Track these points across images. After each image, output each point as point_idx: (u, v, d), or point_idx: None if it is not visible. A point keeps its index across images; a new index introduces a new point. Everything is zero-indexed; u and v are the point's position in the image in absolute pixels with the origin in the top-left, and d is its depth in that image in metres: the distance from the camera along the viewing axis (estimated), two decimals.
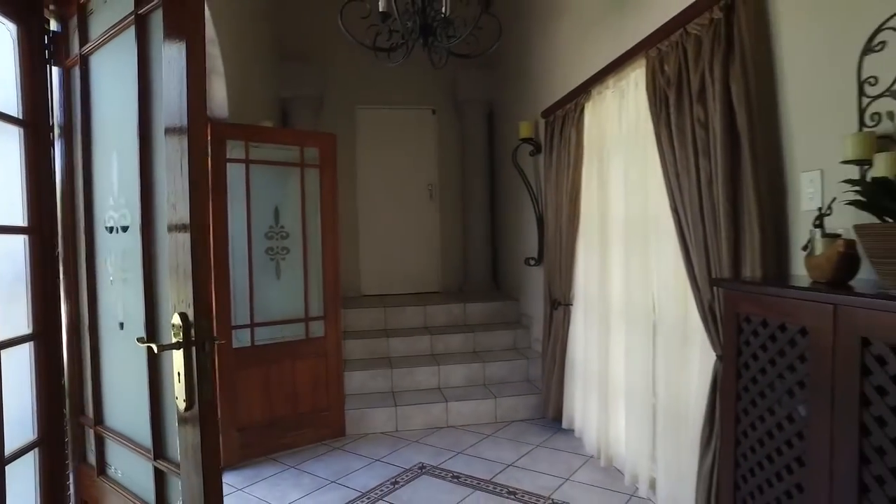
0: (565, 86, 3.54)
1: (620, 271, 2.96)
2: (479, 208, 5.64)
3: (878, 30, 1.49)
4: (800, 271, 1.72)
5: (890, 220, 1.25)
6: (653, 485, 2.67)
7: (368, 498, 2.77)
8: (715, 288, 1.98)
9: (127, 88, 1.40)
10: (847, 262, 1.33)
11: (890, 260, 1.21)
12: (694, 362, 2.32)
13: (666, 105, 2.28)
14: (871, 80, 1.51)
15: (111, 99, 1.60)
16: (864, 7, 1.55)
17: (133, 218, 1.40)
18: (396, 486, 2.89)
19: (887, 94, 1.47)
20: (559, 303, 3.62)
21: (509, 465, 3.11)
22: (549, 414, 3.67)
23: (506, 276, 5.44)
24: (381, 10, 2.54)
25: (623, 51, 2.68)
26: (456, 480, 2.94)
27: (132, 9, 1.34)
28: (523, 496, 2.75)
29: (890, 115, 1.47)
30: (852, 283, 1.37)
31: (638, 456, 2.79)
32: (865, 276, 1.37)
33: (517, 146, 4.41)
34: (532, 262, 4.40)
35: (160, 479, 1.36)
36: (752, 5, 1.93)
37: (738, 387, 1.59)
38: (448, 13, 2.59)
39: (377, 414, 3.65)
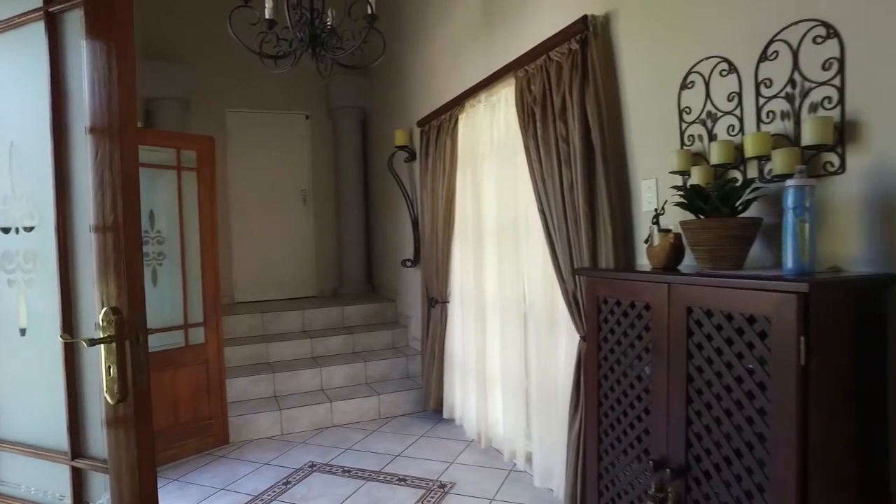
0: (440, 98, 3.82)
1: (494, 268, 3.28)
2: (353, 213, 5.75)
3: (690, 72, 1.91)
4: (643, 260, 2.12)
5: (702, 217, 1.63)
6: (529, 458, 2.99)
7: (262, 500, 2.79)
8: (577, 278, 2.33)
9: (26, 84, 1.37)
10: (676, 251, 1.69)
11: (702, 247, 1.59)
12: (561, 345, 2.67)
13: (533, 120, 2.61)
14: (687, 110, 1.93)
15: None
16: (680, 53, 1.96)
17: (41, 217, 1.36)
18: (289, 485, 2.94)
19: (697, 121, 1.89)
20: (436, 301, 3.87)
21: (397, 456, 3.28)
22: (430, 406, 3.91)
23: (382, 278, 5.61)
24: (266, 17, 2.61)
25: (495, 69, 2.99)
26: (347, 474, 3.05)
27: (40, 5, 1.32)
28: (413, 481, 2.94)
29: (700, 137, 1.89)
30: (680, 267, 1.75)
31: (514, 435, 3.11)
32: (688, 261, 1.76)
33: (393, 153, 4.61)
34: (408, 264, 4.62)
35: (77, 479, 1.34)
36: (602, 42, 2.31)
37: (599, 357, 1.93)
38: (334, 25, 2.73)
39: (262, 419, 3.64)
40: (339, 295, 5.70)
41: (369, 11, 2.56)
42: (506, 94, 3.02)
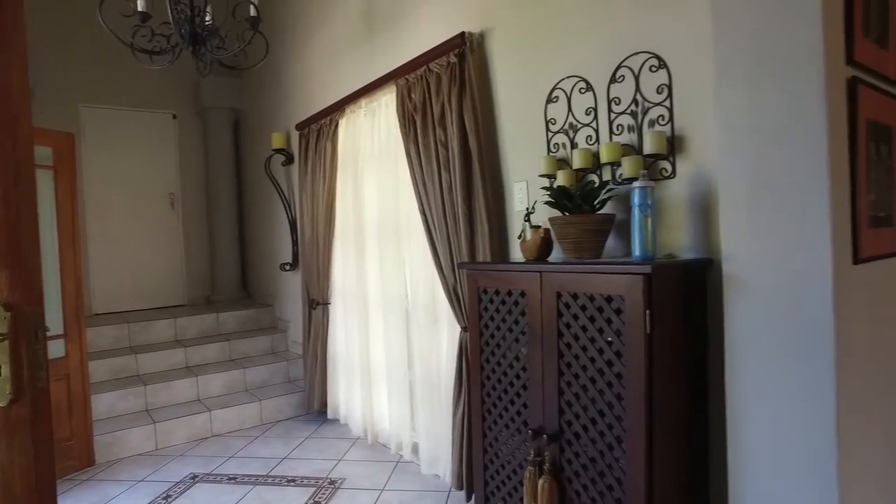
0: (320, 102, 3.86)
1: (376, 267, 3.38)
2: (226, 217, 5.54)
3: (554, 87, 2.19)
4: (517, 254, 2.36)
5: (567, 214, 1.89)
6: (415, 449, 3.14)
7: None
8: (458, 273, 2.52)
9: None
10: (546, 244, 1.94)
11: (568, 240, 1.85)
12: (443, 338, 2.85)
13: (414, 126, 2.77)
14: (553, 121, 2.20)
15: None
16: (546, 71, 2.23)
17: None
18: (169, 499, 2.82)
19: (561, 131, 2.17)
20: (318, 302, 3.90)
21: (284, 458, 3.27)
22: (314, 408, 3.91)
23: (258, 283, 5.47)
24: (140, 9, 2.51)
25: (375, 77, 3.12)
26: (233, 481, 2.99)
27: None
28: (302, 481, 2.96)
29: (564, 145, 2.17)
30: (550, 258, 2.00)
31: (400, 428, 3.24)
32: (557, 253, 2.01)
33: (270, 156, 4.55)
34: (287, 268, 4.58)
35: None
36: (478, 56, 2.53)
37: (481, 342, 2.12)
38: (212, 22, 2.69)
39: (133, 435, 3.42)
40: (212, 302, 5.46)
41: (252, 13, 2.56)
42: (386, 100, 3.15)
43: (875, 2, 1.53)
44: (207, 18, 2.64)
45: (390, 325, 3.26)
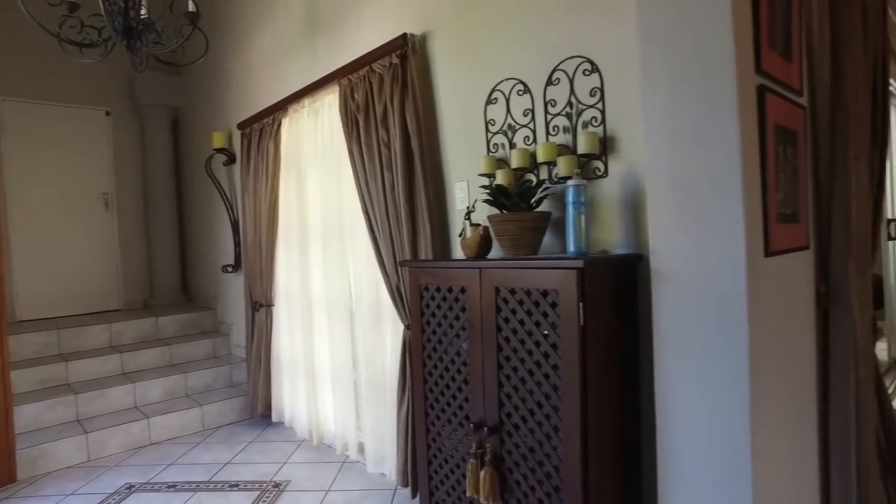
0: (263, 101, 3.80)
1: (320, 268, 3.37)
2: (165, 218, 5.36)
3: (493, 89, 2.24)
4: (458, 252, 2.40)
5: (506, 212, 1.94)
6: (361, 448, 3.14)
7: None
8: (401, 272, 2.54)
9: None
10: (485, 241, 1.99)
11: (506, 237, 1.91)
12: (387, 336, 2.87)
13: (357, 127, 2.78)
14: (492, 122, 2.26)
15: None
16: (485, 73, 2.29)
17: None
18: None
19: (500, 132, 2.23)
20: (261, 304, 3.84)
21: (227, 464, 3.20)
22: (258, 412, 3.85)
23: (199, 286, 5.32)
24: None
25: (318, 77, 3.10)
26: (172, 489, 2.91)
27: None
28: (246, 485, 2.91)
29: (503, 145, 2.23)
30: (489, 255, 2.05)
31: (346, 428, 3.23)
32: (496, 250, 2.07)
33: (211, 155, 4.44)
34: (229, 269, 4.49)
35: None
36: (420, 58, 2.56)
37: (423, 339, 2.15)
38: (147, 15, 2.61)
39: (61, 447, 3.26)
40: (150, 306, 5.27)
41: (191, 8, 2.50)
42: (330, 100, 3.14)
43: (779, 18, 1.66)
44: (143, 12, 2.56)
45: (335, 326, 3.25)
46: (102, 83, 5.06)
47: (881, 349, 4.33)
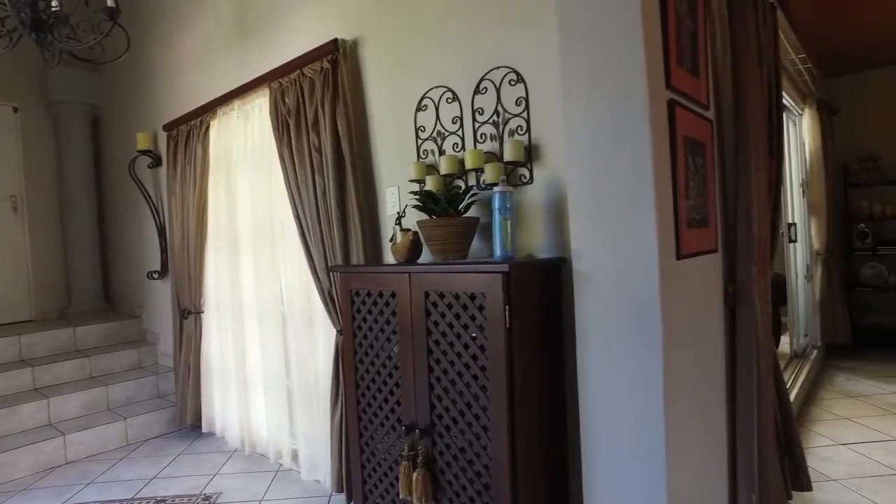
0: (190, 102, 3.68)
1: (251, 273, 3.30)
2: (84, 222, 5.07)
3: (423, 96, 2.28)
4: (389, 256, 2.42)
5: (435, 217, 1.98)
6: (295, 456, 3.09)
7: None
8: (332, 276, 2.54)
9: None
10: (415, 246, 2.02)
11: (435, 242, 1.94)
12: (320, 341, 2.85)
13: (287, 130, 2.75)
14: (422, 128, 2.30)
15: None
16: (415, 80, 2.32)
17: None
18: None
19: (430, 138, 2.27)
20: (190, 311, 3.72)
21: (153, 479, 3.07)
22: (187, 422, 3.71)
23: (122, 293, 5.08)
24: None
25: (249, 79, 3.04)
26: None
27: None
28: (174, 501, 2.81)
29: (433, 151, 2.27)
30: (419, 259, 2.08)
31: (279, 435, 3.18)
32: (426, 255, 2.10)
33: (135, 157, 4.26)
34: (155, 276, 4.32)
35: None
36: (351, 63, 2.57)
37: (355, 344, 2.16)
38: (59, 8, 2.48)
39: None
40: (67, 316, 4.97)
41: (110, 3, 2.40)
42: (260, 103, 3.09)
43: (686, 39, 1.78)
44: (54, 4, 2.43)
45: (267, 332, 3.19)
46: (9, 77, 4.74)
47: (784, 342, 4.68)
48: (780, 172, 2.33)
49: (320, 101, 2.54)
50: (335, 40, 2.50)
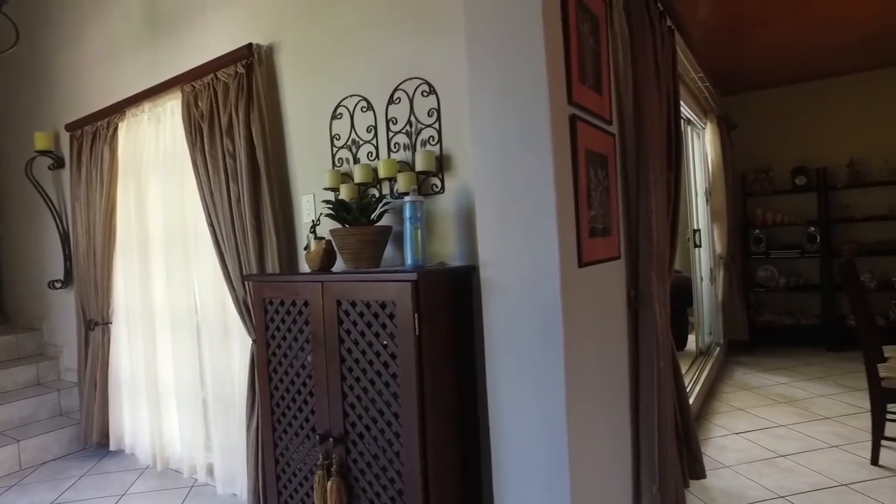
0: (96, 102, 3.49)
1: (163, 282, 3.17)
2: None
3: (339, 105, 2.29)
4: (305, 265, 2.40)
5: (347, 226, 1.99)
6: (210, 470, 2.99)
7: None
8: (247, 285, 2.49)
9: None
10: (328, 255, 2.02)
11: (348, 251, 1.95)
12: (235, 350, 2.78)
13: (201, 135, 2.67)
14: (337, 137, 2.30)
15: None
16: (331, 88, 2.32)
17: None
18: None
19: (345, 146, 2.28)
20: (97, 322, 3.52)
21: None
22: (92, 441, 3.51)
23: (20, 303, 4.71)
24: None
25: (159, 81, 2.93)
26: None
27: None
28: None
29: (348, 160, 2.28)
30: (334, 268, 2.08)
31: (194, 449, 3.06)
32: (340, 263, 2.10)
33: (33, 158, 3.98)
34: (58, 285, 4.05)
35: None
36: (267, 69, 2.53)
37: (269, 353, 2.13)
38: None
39: None
40: None
41: None
42: (172, 106, 2.98)
43: (589, 57, 1.89)
44: None
45: (180, 342, 3.08)
46: None
47: (692, 340, 5.00)
48: (679, 184, 2.50)
49: (234, 107, 2.49)
50: (250, 45, 2.46)
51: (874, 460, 2.85)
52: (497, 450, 1.75)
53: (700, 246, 4.85)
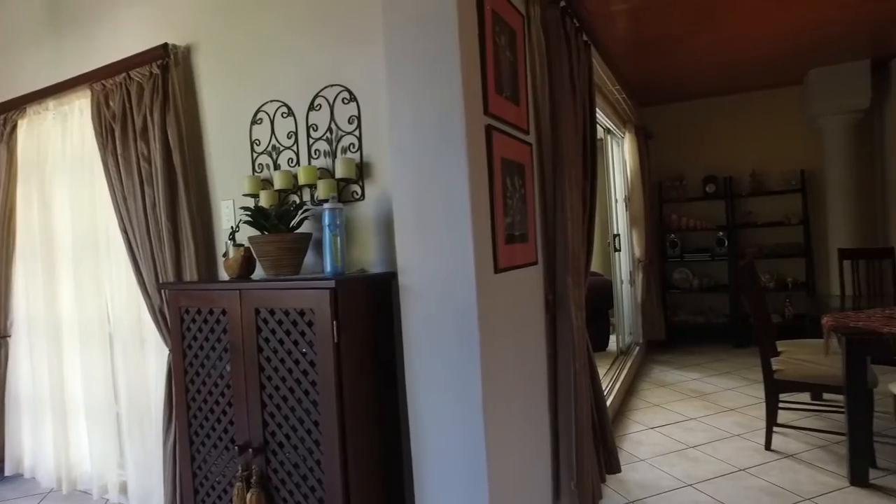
0: None
1: (71, 291, 3.00)
2: None
3: (259, 110, 2.25)
4: (223, 272, 2.34)
5: (266, 233, 1.96)
6: (124, 489, 2.85)
7: None
8: (163, 292, 2.40)
9: None
10: (247, 262, 1.98)
11: (267, 258, 1.93)
12: (151, 361, 2.67)
13: (112, 137, 2.55)
14: (257, 142, 2.27)
15: None
16: (251, 92, 2.28)
17: None
18: None
19: (265, 152, 2.24)
20: None
21: None
22: None
23: None
24: None
25: (65, 77, 2.77)
26: None
27: None
28: None
29: (268, 166, 2.24)
30: (253, 275, 2.05)
31: (105, 467, 2.91)
32: (260, 271, 2.07)
33: None
34: None
35: None
36: (184, 70, 2.45)
37: (185, 363, 2.06)
38: None
39: None
40: None
41: None
42: (81, 105, 2.84)
43: (506, 69, 1.96)
44: None
45: (91, 354, 2.92)
46: None
47: (613, 341, 5.22)
48: (595, 191, 2.62)
49: (149, 108, 2.40)
50: (165, 45, 2.38)
51: (767, 445, 3.09)
52: (417, 453, 1.78)
53: (620, 250, 5.09)
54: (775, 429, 3.12)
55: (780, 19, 3.96)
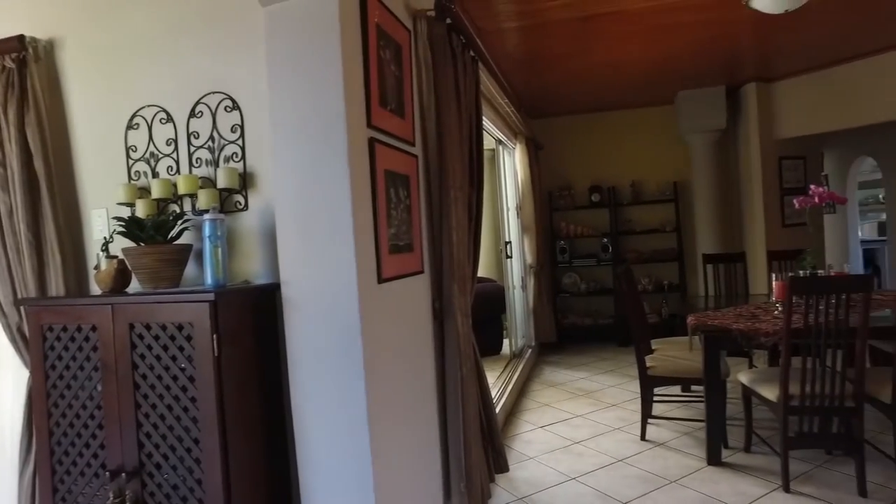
0: None
1: None
2: None
3: (135, 114, 2.14)
4: (95, 286, 2.20)
5: (142, 245, 1.88)
6: None
7: None
8: (21, 309, 2.21)
9: None
10: (121, 275, 1.88)
11: (144, 270, 1.84)
12: (7, 386, 2.44)
13: None
14: (133, 148, 2.15)
15: None
16: (127, 96, 2.16)
17: None
18: None
19: (143, 159, 2.14)
20: None
21: None
22: None
23: None
24: None
25: None
26: None
27: None
28: None
29: (145, 173, 2.14)
30: (128, 289, 1.94)
31: None
32: (136, 284, 1.97)
33: None
34: None
35: None
36: (46, 67, 2.27)
37: (48, 386, 1.91)
38: None
39: None
40: None
41: None
42: None
43: (390, 83, 2.01)
44: None
45: None
46: None
47: (507, 345, 5.43)
48: (481, 200, 2.73)
49: (2, 108, 2.20)
50: (21, 37, 2.20)
51: (643, 436, 3.37)
52: (303, 467, 1.77)
53: (511, 257, 5.31)
54: (650, 420, 3.40)
55: (645, 49, 4.36)
